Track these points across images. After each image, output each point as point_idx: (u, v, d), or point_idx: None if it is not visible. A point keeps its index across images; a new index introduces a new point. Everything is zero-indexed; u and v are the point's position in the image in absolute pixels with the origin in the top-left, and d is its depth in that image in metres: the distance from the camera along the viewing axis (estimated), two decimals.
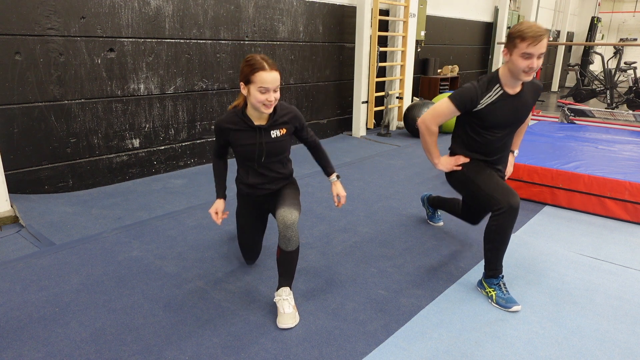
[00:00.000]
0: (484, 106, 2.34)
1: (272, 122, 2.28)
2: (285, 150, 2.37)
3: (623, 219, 3.48)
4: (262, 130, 2.27)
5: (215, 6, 4.53)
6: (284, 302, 2.19)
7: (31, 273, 2.57)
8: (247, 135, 2.28)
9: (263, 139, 2.27)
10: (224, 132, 2.31)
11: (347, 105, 6.43)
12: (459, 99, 2.36)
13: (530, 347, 2.04)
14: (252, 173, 2.39)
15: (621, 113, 5.98)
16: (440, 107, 2.44)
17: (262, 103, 2.14)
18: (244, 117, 2.26)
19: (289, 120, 2.33)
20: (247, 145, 2.29)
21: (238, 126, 2.28)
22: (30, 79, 3.46)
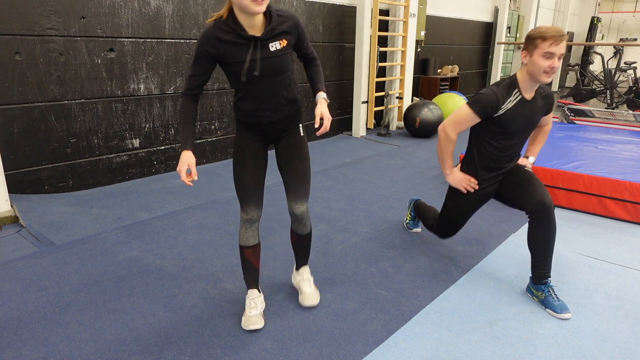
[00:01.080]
0: (504, 111, 2.31)
1: (269, 31, 1.86)
2: (288, 67, 1.98)
3: (623, 219, 3.47)
4: (259, 41, 1.85)
5: (215, 6, 4.53)
6: (305, 282, 2.22)
7: (31, 273, 2.57)
8: (240, 49, 1.85)
9: (258, 54, 1.86)
10: (211, 45, 1.84)
11: (347, 105, 6.43)
12: (480, 105, 2.32)
13: (530, 347, 2.04)
14: (250, 98, 1.98)
15: (621, 113, 5.97)
16: (460, 114, 2.39)
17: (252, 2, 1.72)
18: (235, 25, 1.82)
19: (289, 28, 1.92)
20: (239, 62, 1.86)
21: (229, 37, 1.83)
22: (30, 79, 3.46)
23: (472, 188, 2.51)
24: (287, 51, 1.95)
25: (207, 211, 3.51)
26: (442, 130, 2.46)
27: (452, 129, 2.42)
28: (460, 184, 2.52)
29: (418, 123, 6.16)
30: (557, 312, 2.26)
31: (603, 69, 9.45)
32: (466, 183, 2.51)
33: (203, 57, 1.87)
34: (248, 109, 2.00)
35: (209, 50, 1.85)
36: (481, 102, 2.32)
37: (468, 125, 2.41)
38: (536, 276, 2.37)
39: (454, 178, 2.54)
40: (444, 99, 6.60)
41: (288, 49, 1.95)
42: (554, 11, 12.65)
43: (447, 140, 2.45)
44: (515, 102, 2.31)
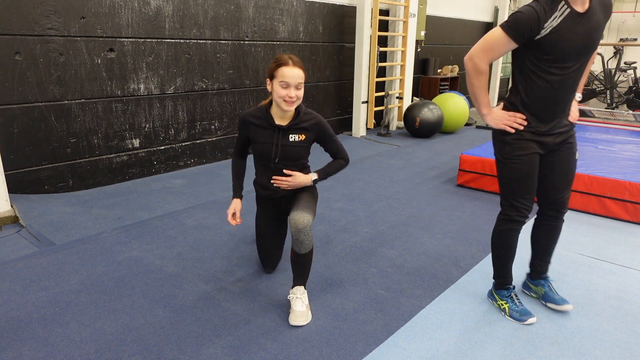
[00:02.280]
0: (549, 31, 1.85)
1: (293, 124, 2.29)
2: (300, 157, 2.37)
3: (623, 219, 3.47)
4: (281, 130, 2.29)
5: (215, 6, 4.53)
6: (297, 300, 2.21)
7: (31, 273, 2.57)
8: (266, 133, 2.31)
9: (280, 140, 2.30)
10: (245, 125, 2.35)
11: (347, 105, 6.43)
12: (515, 27, 1.87)
13: (530, 347, 2.04)
14: (266, 173, 2.40)
15: (621, 113, 5.98)
16: (491, 39, 1.94)
17: (283, 99, 2.17)
18: (266, 114, 2.30)
19: (310, 127, 2.33)
20: (264, 143, 2.31)
21: (259, 122, 2.31)
22: (30, 79, 3.46)
23: (519, 125, 2.03)
24: (304, 144, 2.35)
25: (207, 211, 3.51)
26: (469, 60, 2.01)
27: (481, 58, 1.97)
28: (502, 122, 2.05)
29: (418, 123, 6.16)
30: (559, 304, 2.25)
31: (603, 69, 9.45)
32: (510, 120, 2.04)
33: (241, 132, 2.41)
34: (264, 183, 2.41)
35: (244, 130, 2.38)
36: (517, 23, 1.87)
37: (501, 52, 1.97)
38: (536, 271, 2.35)
39: (493, 117, 2.07)
40: (444, 99, 6.60)
41: (305, 143, 2.35)
42: None
43: (476, 71, 2.00)
44: (563, 17, 1.85)
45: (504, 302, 2.29)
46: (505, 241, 2.21)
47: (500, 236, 2.21)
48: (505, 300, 2.28)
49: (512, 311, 2.24)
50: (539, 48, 1.90)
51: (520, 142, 2.05)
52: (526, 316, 2.21)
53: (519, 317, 2.22)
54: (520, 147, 2.05)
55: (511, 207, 2.14)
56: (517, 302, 2.27)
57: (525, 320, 2.20)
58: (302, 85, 2.20)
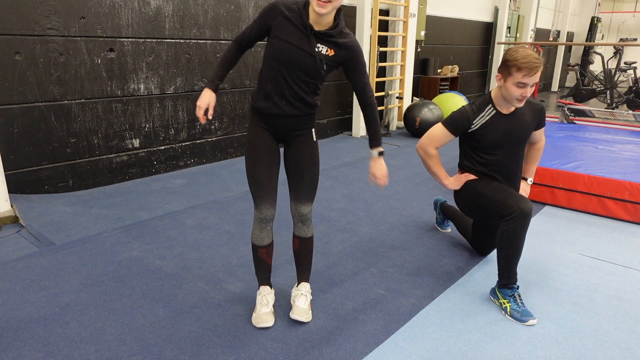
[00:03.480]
0: (478, 127, 2.41)
1: (327, 34, 1.90)
2: (319, 74, 1.97)
3: (623, 219, 3.47)
4: (312, 34, 1.89)
5: (215, 6, 4.53)
6: (301, 297, 2.20)
7: (31, 273, 2.57)
8: (293, 32, 1.90)
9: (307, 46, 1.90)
10: (274, 14, 1.92)
11: (347, 105, 6.43)
12: (452, 123, 2.47)
13: (530, 347, 2.04)
14: (273, 81, 1.98)
15: (621, 113, 5.98)
16: (434, 132, 2.52)
17: None
18: (303, 9, 1.89)
19: (344, 45, 1.94)
20: (285, 42, 1.90)
21: (292, 15, 1.89)
22: (30, 79, 3.46)
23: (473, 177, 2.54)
24: (329, 61, 1.94)
25: (207, 211, 3.51)
26: (420, 149, 2.58)
27: (428, 145, 2.55)
28: (460, 181, 2.58)
29: (418, 123, 6.16)
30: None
31: (603, 69, 9.45)
32: (464, 177, 2.57)
33: (262, 20, 1.96)
34: (268, 91, 1.99)
35: (268, 19, 1.93)
36: (453, 120, 2.47)
37: (443, 141, 2.53)
38: None
39: (452, 182, 2.60)
40: (444, 99, 6.60)
41: (331, 61, 1.95)
42: (554, 11, 12.64)
43: (428, 156, 2.57)
44: (489, 117, 2.40)
45: (506, 300, 2.29)
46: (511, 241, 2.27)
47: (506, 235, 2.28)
48: (508, 300, 2.29)
49: (514, 311, 2.24)
50: (472, 139, 2.47)
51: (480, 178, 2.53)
52: (527, 317, 2.21)
53: (520, 317, 2.22)
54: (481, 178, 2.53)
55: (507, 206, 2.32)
56: (520, 303, 2.27)
57: (526, 321, 2.20)
58: None
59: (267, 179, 2.05)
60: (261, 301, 2.19)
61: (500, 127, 2.40)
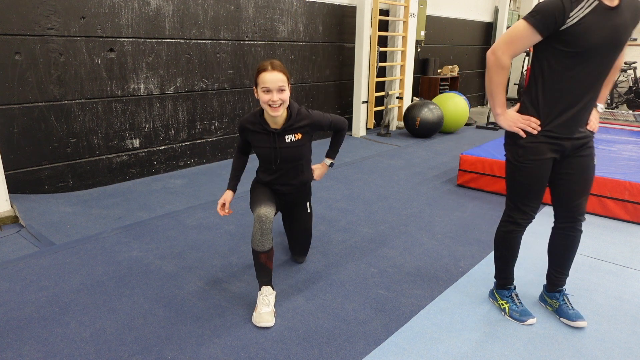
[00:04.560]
0: (575, 22, 1.78)
1: (287, 127, 2.32)
2: (301, 156, 2.41)
3: (623, 219, 3.47)
4: (276, 134, 2.32)
5: (215, 6, 4.53)
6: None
7: (31, 273, 2.57)
8: (262, 138, 2.34)
9: (277, 144, 2.33)
10: (244, 132, 2.41)
11: (347, 105, 6.43)
12: (540, 15, 1.81)
13: (530, 347, 2.04)
14: (268, 173, 2.46)
15: (621, 113, 5.98)
16: (514, 31, 1.89)
17: (267, 104, 2.19)
18: (261, 119, 2.33)
19: (304, 125, 2.36)
20: (262, 147, 2.36)
21: (255, 128, 2.35)
22: (30, 79, 3.46)
23: (533, 129, 1.97)
24: (302, 143, 2.38)
25: (207, 211, 3.51)
26: (492, 54, 1.94)
27: (503, 51, 1.91)
28: (516, 124, 1.99)
29: (418, 123, 6.16)
30: (573, 320, 2.17)
31: None
32: (524, 123, 1.98)
33: (240, 137, 2.47)
34: (265, 180, 2.47)
35: (243, 135, 2.43)
36: (542, 11, 1.81)
37: (525, 45, 1.90)
38: (552, 283, 2.27)
39: (507, 118, 2.01)
40: (444, 99, 6.60)
41: (303, 141, 2.38)
42: None
43: (498, 65, 1.93)
44: (590, 9, 1.78)
45: (505, 302, 2.28)
46: (507, 243, 2.19)
47: (503, 238, 2.19)
48: (506, 300, 2.28)
49: (512, 311, 2.23)
50: (563, 40, 1.83)
51: (534, 146, 1.99)
52: (526, 317, 2.20)
53: (519, 317, 2.21)
54: (534, 151, 1.99)
55: (516, 210, 2.11)
56: (518, 303, 2.26)
57: (525, 320, 2.19)
58: (285, 87, 2.19)
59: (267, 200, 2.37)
60: (262, 301, 2.20)
61: (603, 23, 1.79)
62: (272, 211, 2.25)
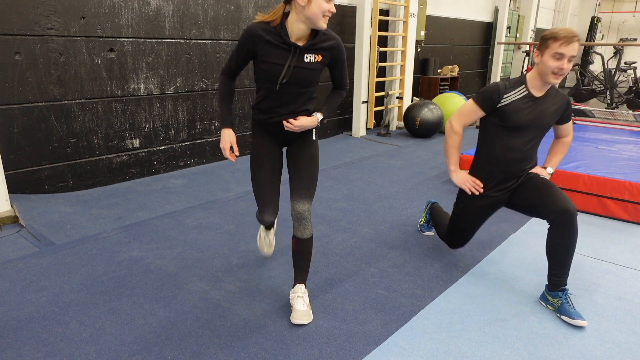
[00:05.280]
0: (509, 103, 2.33)
1: (311, 44, 1.99)
2: (313, 81, 2.08)
3: (623, 219, 3.47)
4: (298, 50, 1.98)
5: (215, 6, 4.53)
6: (298, 299, 2.20)
7: (31, 273, 2.57)
8: (278, 52, 1.97)
9: (293, 62, 1.99)
10: (253, 40, 1.98)
11: (347, 105, 6.43)
12: (482, 96, 2.39)
13: (530, 347, 2.04)
14: (270, 98, 2.09)
15: (621, 113, 5.98)
16: (464, 107, 2.47)
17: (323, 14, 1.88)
18: (281, 29, 1.95)
19: (329, 47, 2.04)
20: (274, 64, 1.99)
21: (271, 37, 1.96)
22: (30, 79, 3.46)
23: (477, 190, 2.46)
24: (319, 67, 2.06)
25: (207, 211, 3.51)
26: (448, 123, 2.51)
27: (456, 121, 2.48)
28: (464, 184, 2.48)
29: (418, 123, 6.16)
30: (574, 319, 2.19)
31: (603, 69, 9.46)
32: (471, 184, 2.47)
33: (243, 47, 2.02)
34: (265, 107, 2.11)
35: (249, 45, 2.00)
36: (483, 93, 2.39)
37: (472, 118, 2.46)
38: (553, 284, 2.29)
39: (458, 177, 2.51)
40: (444, 99, 6.60)
41: (321, 65, 2.06)
42: (554, 11, 12.65)
43: (452, 131, 2.48)
44: (520, 96, 2.33)
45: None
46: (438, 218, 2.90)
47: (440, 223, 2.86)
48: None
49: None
50: (499, 116, 2.37)
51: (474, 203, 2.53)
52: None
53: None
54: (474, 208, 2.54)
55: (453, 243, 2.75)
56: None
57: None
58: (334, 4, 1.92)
59: (270, 185, 2.20)
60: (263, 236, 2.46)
61: (530, 109, 2.32)
62: (274, 215, 2.24)
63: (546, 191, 2.31)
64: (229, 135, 2.14)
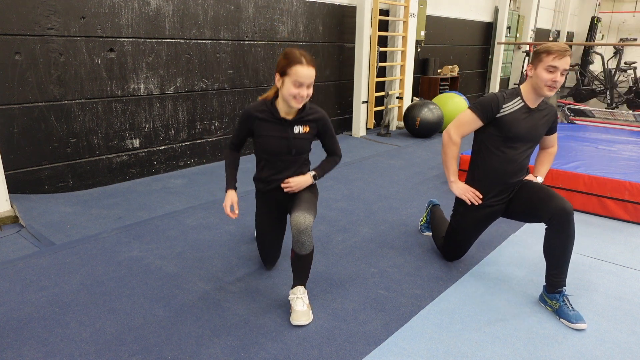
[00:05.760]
0: (506, 114, 2.36)
1: (299, 118, 2.29)
2: (304, 149, 2.37)
3: (623, 219, 3.47)
4: (287, 123, 2.28)
5: (215, 6, 4.53)
6: (297, 300, 2.21)
7: (31, 273, 2.57)
8: (271, 126, 2.29)
9: (290, 134, 2.29)
10: (250, 120, 2.31)
11: (347, 105, 6.43)
12: (481, 107, 2.39)
13: (530, 347, 2.04)
14: (268, 166, 2.39)
15: (621, 113, 5.98)
16: (462, 117, 2.46)
17: (294, 96, 2.15)
18: (272, 107, 2.27)
19: (315, 120, 2.34)
20: (269, 137, 2.30)
21: (264, 115, 2.28)
22: (30, 79, 3.46)
23: (476, 200, 2.46)
24: (308, 137, 2.35)
25: (207, 211, 3.51)
26: (445, 133, 2.51)
27: (454, 131, 2.47)
28: (464, 194, 2.49)
29: (418, 123, 6.16)
30: (572, 322, 2.18)
31: (603, 69, 9.46)
32: (471, 194, 2.48)
33: (243, 126, 2.35)
34: (264, 175, 2.40)
35: (247, 124, 2.33)
36: (482, 104, 2.39)
37: (470, 127, 2.45)
38: (551, 285, 2.29)
39: (458, 187, 2.52)
40: (444, 99, 6.59)
41: (309, 135, 2.35)
42: (554, 11, 12.64)
43: (450, 142, 2.48)
44: (517, 108, 2.37)
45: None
46: None
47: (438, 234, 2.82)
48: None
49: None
50: (496, 127, 2.38)
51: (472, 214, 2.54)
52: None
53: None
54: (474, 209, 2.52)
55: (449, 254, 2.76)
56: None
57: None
58: (312, 85, 2.18)
59: (271, 245, 2.54)
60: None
61: (526, 120, 2.37)
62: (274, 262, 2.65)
63: (541, 194, 2.34)
64: (232, 196, 2.41)
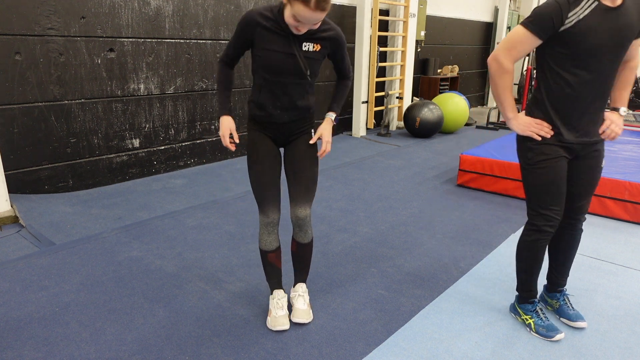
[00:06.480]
0: (574, 22, 1.75)
1: (309, 33, 1.89)
2: (315, 72, 2.01)
3: (623, 219, 3.47)
4: (296, 37, 1.89)
5: (215, 6, 4.53)
6: (299, 298, 2.19)
7: (31, 273, 2.57)
8: (276, 39, 1.88)
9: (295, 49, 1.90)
10: (252, 26, 1.89)
11: (347, 105, 6.43)
12: (537, 19, 1.80)
13: (530, 347, 2.04)
14: (265, 91, 1.99)
15: None
16: (513, 36, 1.87)
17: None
18: (278, 16, 1.87)
19: (329, 38, 1.95)
20: (272, 51, 1.89)
21: (269, 24, 1.87)
22: (30, 79, 3.46)
23: (546, 133, 1.92)
24: (318, 57, 1.96)
25: (207, 211, 3.51)
26: (493, 60, 1.91)
27: (504, 56, 1.88)
28: (529, 129, 1.93)
29: (418, 123, 6.16)
30: (573, 321, 2.16)
31: None
32: (537, 127, 1.93)
33: (241, 34, 1.93)
34: (261, 102, 2.01)
35: (248, 32, 1.91)
36: (539, 15, 1.79)
37: (524, 49, 1.87)
38: (552, 283, 2.25)
39: (519, 122, 1.96)
40: (444, 99, 6.59)
41: (320, 55, 1.96)
42: None
43: (501, 71, 1.90)
44: (590, 10, 1.74)
45: (529, 317, 2.15)
46: (532, 253, 2.06)
47: (527, 247, 2.07)
48: (530, 315, 2.15)
49: (538, 327, 2.11)
50: (563, 42, 1.79)
51: (544, 147, 1.94)
52: (553, 332, 2.08)
53: (546, 332, 2.08)
54: (544, 153, 1.94)
55: (538, 216, 2.01)
56: (543, 317, 2.13)
57: (553, 336, 2.07)
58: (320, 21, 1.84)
59: (270, 183, 2.06)
60: (276, 304, 2.17)
61: (604, 24, 1.75)
62: (278, 213, 2.08)
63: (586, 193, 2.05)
64: (228, 122, 2.04)
